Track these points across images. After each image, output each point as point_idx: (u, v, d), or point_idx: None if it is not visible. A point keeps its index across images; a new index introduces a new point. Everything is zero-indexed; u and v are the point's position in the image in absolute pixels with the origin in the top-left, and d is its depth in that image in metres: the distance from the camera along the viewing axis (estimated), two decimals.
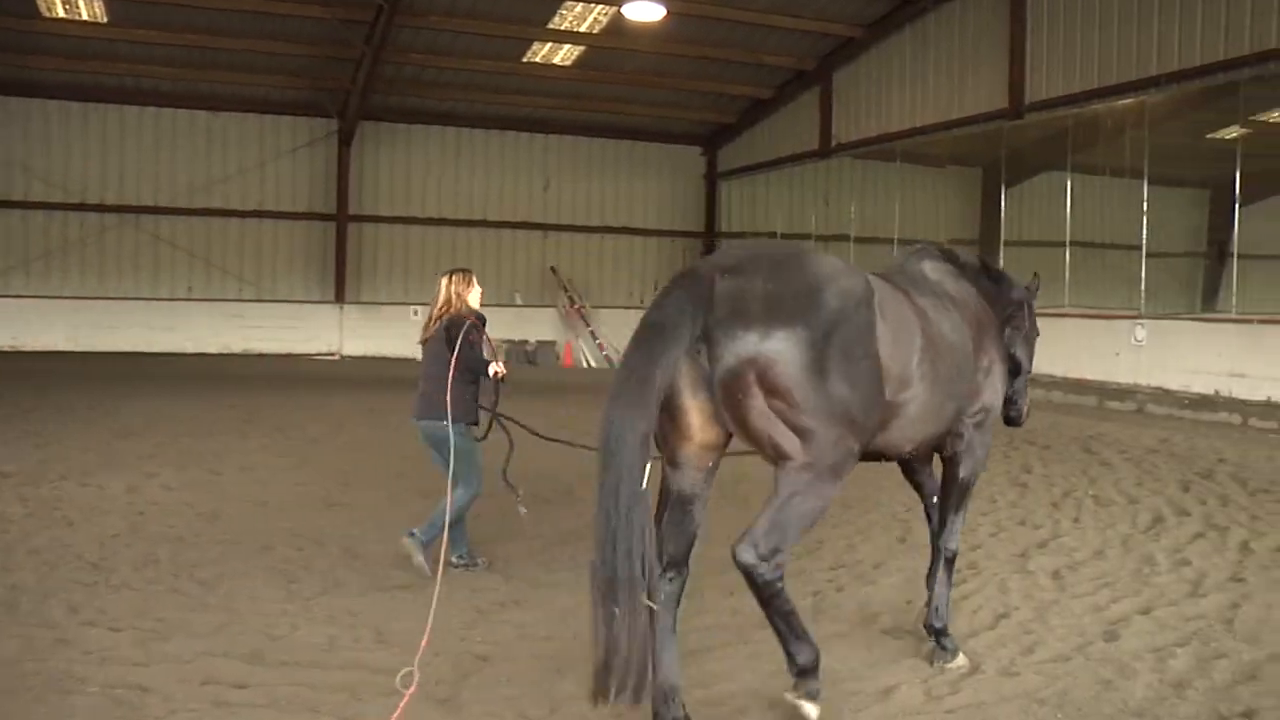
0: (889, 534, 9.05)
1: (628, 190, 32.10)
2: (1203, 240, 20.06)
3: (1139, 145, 18.64)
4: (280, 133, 28.64)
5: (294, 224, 28.83)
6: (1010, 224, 21.56)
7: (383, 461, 12.28)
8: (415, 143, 29.83)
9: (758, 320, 4.34)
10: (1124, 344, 18.28)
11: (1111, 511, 9.85)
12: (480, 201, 30.50)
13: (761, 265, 4.51)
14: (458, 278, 7.81)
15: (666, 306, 4.40)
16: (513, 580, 7.59)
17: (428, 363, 7.65)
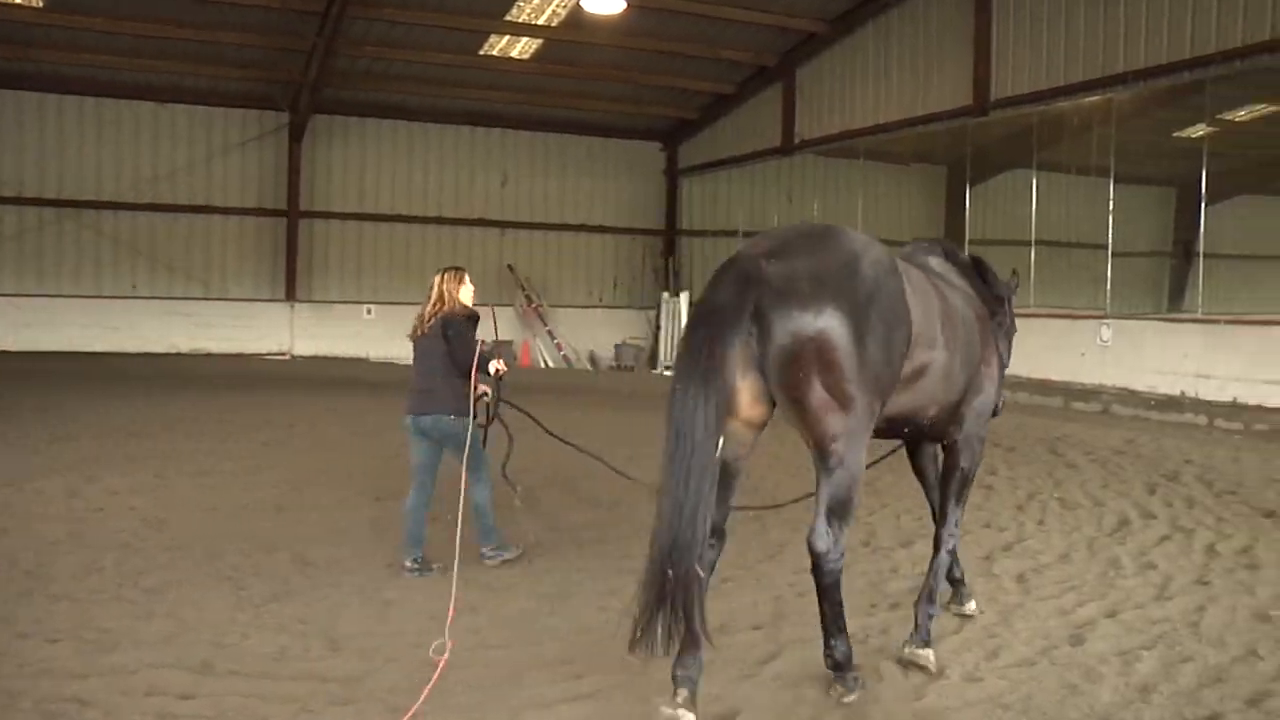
0: (852, 538, 9.07)
1: (587, 187, 32.07)
2: (1169, 240, 20.31)
3: (1105, 143, 18.84)
4: (229, 126, 28.35)
5: (243, 220, 28.57)
6: (975, 222, 21.72)
7: (336, 464, 12.20)
8: (369, 137, 29.65)
9: (809, 299, 4.74)
10: (1089, 344, 18.47)
11: (1077, 514, 9.94)
12: (435, 198, 30.37)
13: (800, 246, 4.94)
14: (449, 275, 7.97)
15: (721, 291, 4.78)
16: (469, 586, 7.56)
17: (422, 359, 7.84)
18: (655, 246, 32.97)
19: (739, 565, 8.12)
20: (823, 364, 4.75)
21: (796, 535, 9.10)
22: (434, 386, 7.73)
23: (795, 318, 4.74)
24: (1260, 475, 11.84)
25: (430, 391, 7.75)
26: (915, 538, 9.01)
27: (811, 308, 4.74)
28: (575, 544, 8.81)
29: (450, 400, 7.60)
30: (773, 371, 4.81)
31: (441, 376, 7.65)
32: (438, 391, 7.69)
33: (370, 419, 16.03)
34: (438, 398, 7.68)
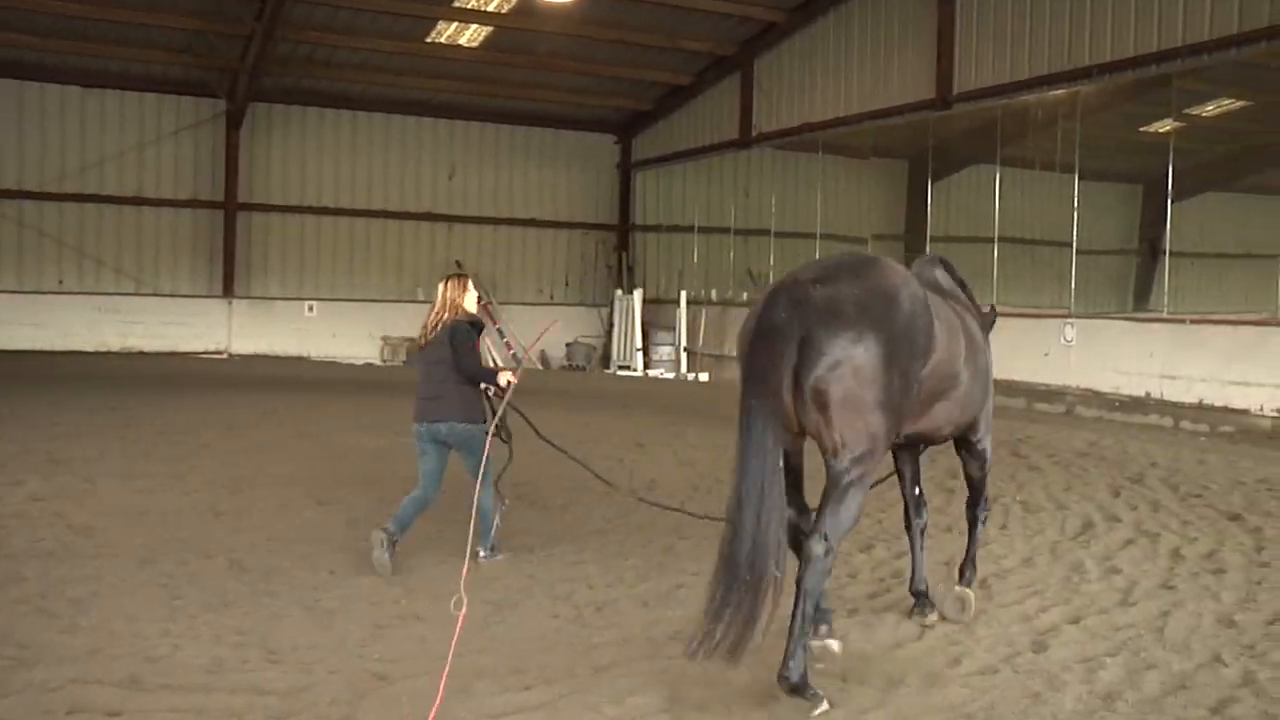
0: None
1: (537, 180, 32.01)
2: (1134, 237, 20.49)
3: (1070, 138, 19.04)
4: (163, 113, 28.01)
5: (178, 212, 28.25)
6: (937, 219, 21.88)
7: (275, 467, 12.10)
8: (310, 127, 29.44)
9: (852, 324, 5.33)
10: (1053, 344, 18.65)
11: (1040, 518, 10.04)
12: (380, 190, 30.20)
13: (846, 274, 5.57)
14: (454, 283, 8.38)
15: (777, 312, 5.38)
16: (414, 593, 7.52)
17: (428, 366, 8.22)
18: (608, 242, 32.98)
19: (691, 571, 8.13)
20: (856, 384, 5.33)
21: None
22: (442, 393, 8.10)
23: (837, 340, 5.32)
24: (1226, 478, 12.01)
25: (439, 398, 8.11)
26: (874, 542, 9.07)
27: (853, 332, 5.33)
28: (524, 549, 8.79)
29: (459, 406, 8.06)
30: (810, 387, 5.36)
31: (449, 384, 8.08)
32: (446, 398, 8.08)
33: (312, 420, 15.91)
34: (447, 404, 8.07)
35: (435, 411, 8.13)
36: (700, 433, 14.75)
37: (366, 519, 9.80)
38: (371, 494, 10.80)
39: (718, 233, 28.59)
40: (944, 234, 21.86)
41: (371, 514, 9.97)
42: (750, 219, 27.24)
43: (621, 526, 9.71)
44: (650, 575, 8.00)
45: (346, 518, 9.86)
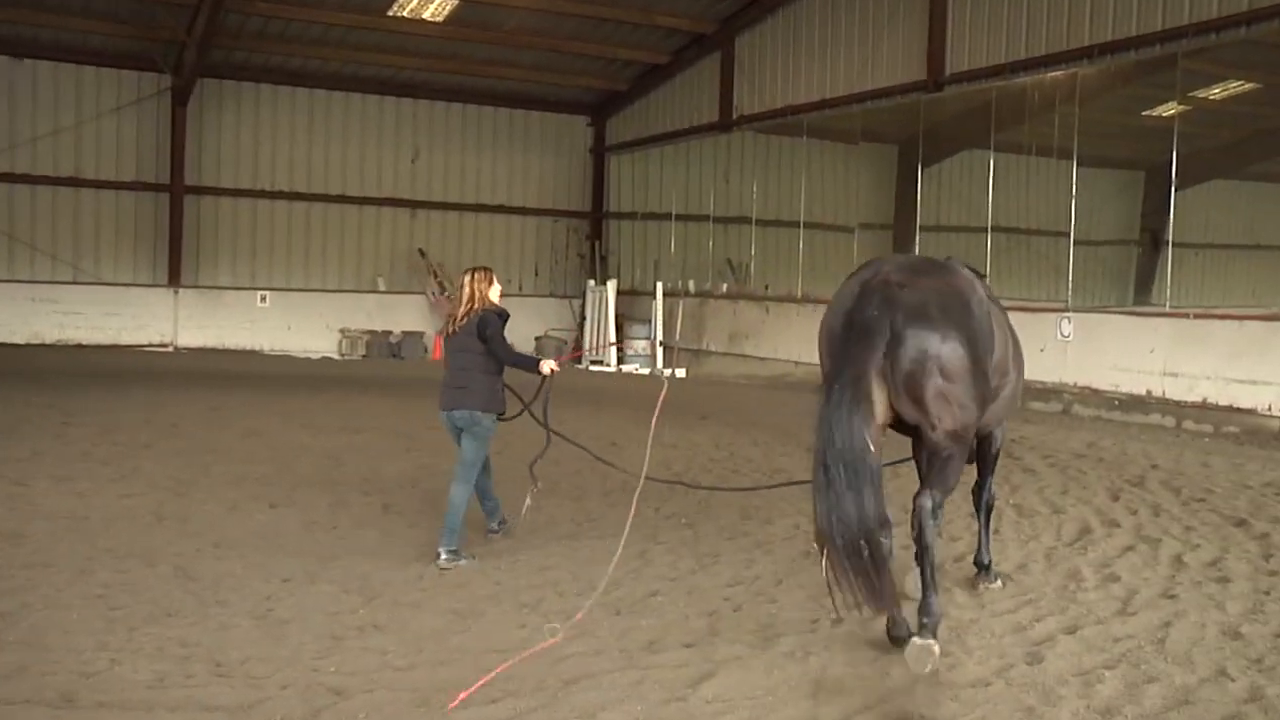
0: (791, 547, 9.13)
1: (506, 163, 31.94)
2: (1136, 227, 20.61)
3: (1068, 122, 19.09)
4: (102, 87, 27.66)
5: (119, 195, 28.01)
6: (927, 207, 21.94)
7: (223, 468, 12.04)
8: (263, 105, 29.25)
9: (937, 324, 6.35)
10: (1049, 339, 18.72)
11: (1034, 522, 10.07)
12: (339, 174, 30.04)
13: (925, 277, 6.58)
14: (480, 275, 8.94)
15: (869, 311, 6.32)
16: (374, 602, 7.49)
17: (456, 356, 8.82)
18: (581, 230, 32.94)
19: (667, 577, 8.14)
20: (946, 375, 6.34)
21: (730, 545, 9.15)
22: (468, 383, 8.71)
23: (925, 337, 6.31)
24: (1231, 481, 12.08)
25: (464, 388, 8.71)
26: None
27: (939, 331, 6.35)
28: (491, 554, 8.77)
29: (482, 397, 8.69)
30: (901, 380, 6.32)
31: (474, 373, 8.70)
32: (471, 388, 8.70)
33: (264, 418, 15.83)
34: (471, 394, 8.69)
35: (459, 400, 8.73)
36: (678, 432, 14.75)
37: (322, 522, 9.79)
38: (328, 496, 10.77)
39: (696, 221, 28.60)
40: (935, 223, 21.94)
41: (328, 517, 9.95)
42: (730, 206, 27.26)
43: (592, 531, 9.70)
44: (623, 582, 7.98)
45: (301, 521, 9.83)
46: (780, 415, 17.25)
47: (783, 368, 24.14)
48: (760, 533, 9.60)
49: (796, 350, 23.55)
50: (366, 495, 10.93)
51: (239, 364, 24.98)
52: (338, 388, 20.18)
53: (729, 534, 9.52)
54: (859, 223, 23.72)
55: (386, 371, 24.62)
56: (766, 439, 14.83)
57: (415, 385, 21.10)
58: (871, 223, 23.96)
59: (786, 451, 14.05)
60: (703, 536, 9.42)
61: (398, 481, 11.66)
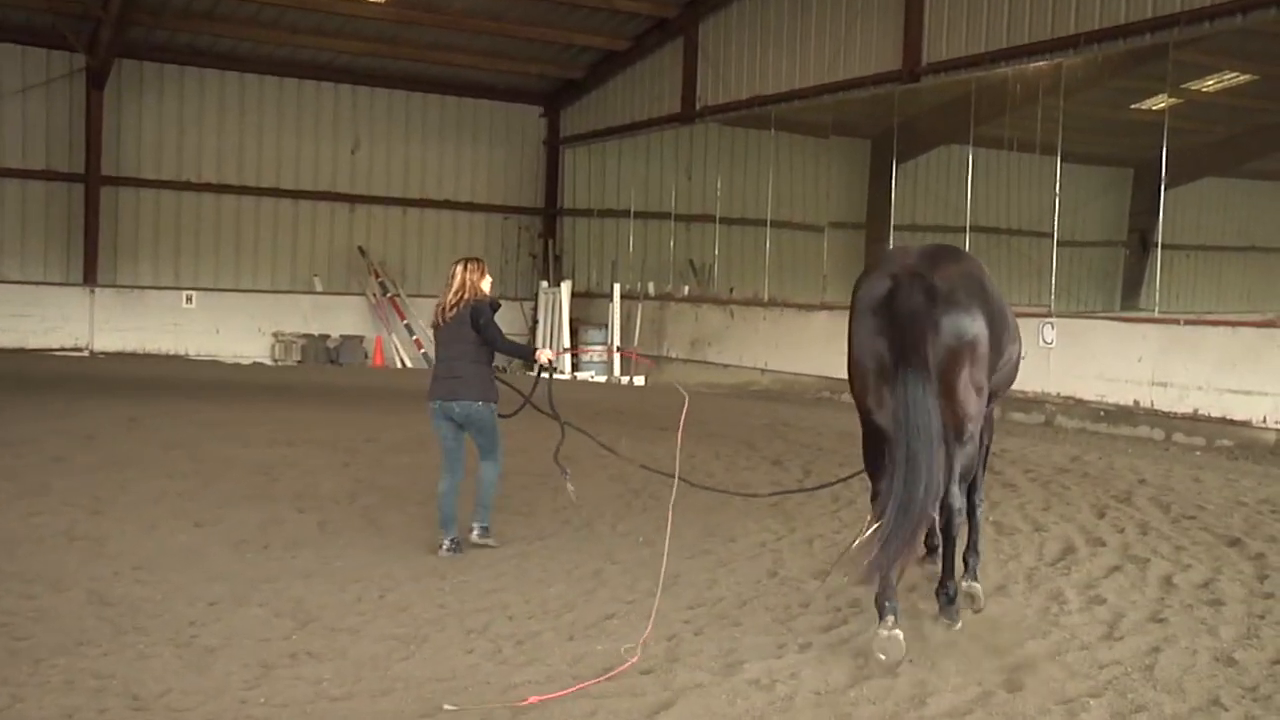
0: (757, 566, 9.14)
1: (453, 156, 31.89)
2: (1123, 227, 20.74)
3: (1052, 116, 19.21)
4: (7, 66, 27.21)
5: (27, 184, 27.68)
6: (902, 205, 22.04)
7: (143, 484, 11.92)
8: (189, 90, 29.04)
9: (966, 307, 7.18)
10: (1031, 346, 18.75)
11: (1015, 541, 10.12)
12: (272, 165, 29.89)
13: (947, 264, 7.37)
14: (472, 265, 9.54)
15: (915, 299, 7.00)
16: (308, 627, 7.44)
17: (447, 347, 9.45)
18: (533, 227, 32.94)
19: (624, 599, 8.12)
20: (973, 358, 7.18)
21: (692, 564, 9.14)
22: (461, 373, 9.31)
23: (960, 321, 7.13)
24: (1224, 497, 12.17)
25: (458, 378, 9.31)
26: (830, 566, 9.09)
27: (970, 314, 7.18)
28: (435, 574, 8.73)
29: (476, 387, 9.30)
30: (937, 361, 7.03)
31: (467, 363, 9.31)
32: (465, 378, 9.30)
33: (188, 429, 15.70)
34: (466, 384, 9.29)
35: (452, 391, 9.31)
36: (635, 445, 14.74)
37: (252, 541, 9.70)
38: (258, 513, 10.68)
39: (656, 218, 28.63)
40: (909, 222, 22.04)
41: (258, 536, 9.87)
42: (693, 203, 27.30)
43: (544, 549, 9.68)
44: (577, 604, 7.97)
45: (229, 540, 9.74)
46: (744, 426, 17.27)
47: (747, 375, 24.22)
48: (723, 551, 9.60)
49: (762, 356, 23.63)
50: (301, 512, 10.85)
51: (161, 370, 24.76)
52: (270, 396, 20.04)
53: (690, 552, 9.52)
54: (829, 221, 23.82)
55: (323, 378, 24.48)
56: (729, 451, 14.85)
57: (354, 393, 20.98)
58: (843, 221, 24.06)
59: (750, 465, 14.06)
60: (662, 555, 9.39)
61: (335, 497, 11.59)
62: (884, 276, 7.25)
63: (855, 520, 10.81)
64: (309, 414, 17.79)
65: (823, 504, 11.56)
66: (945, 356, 7.08)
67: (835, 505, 11.53)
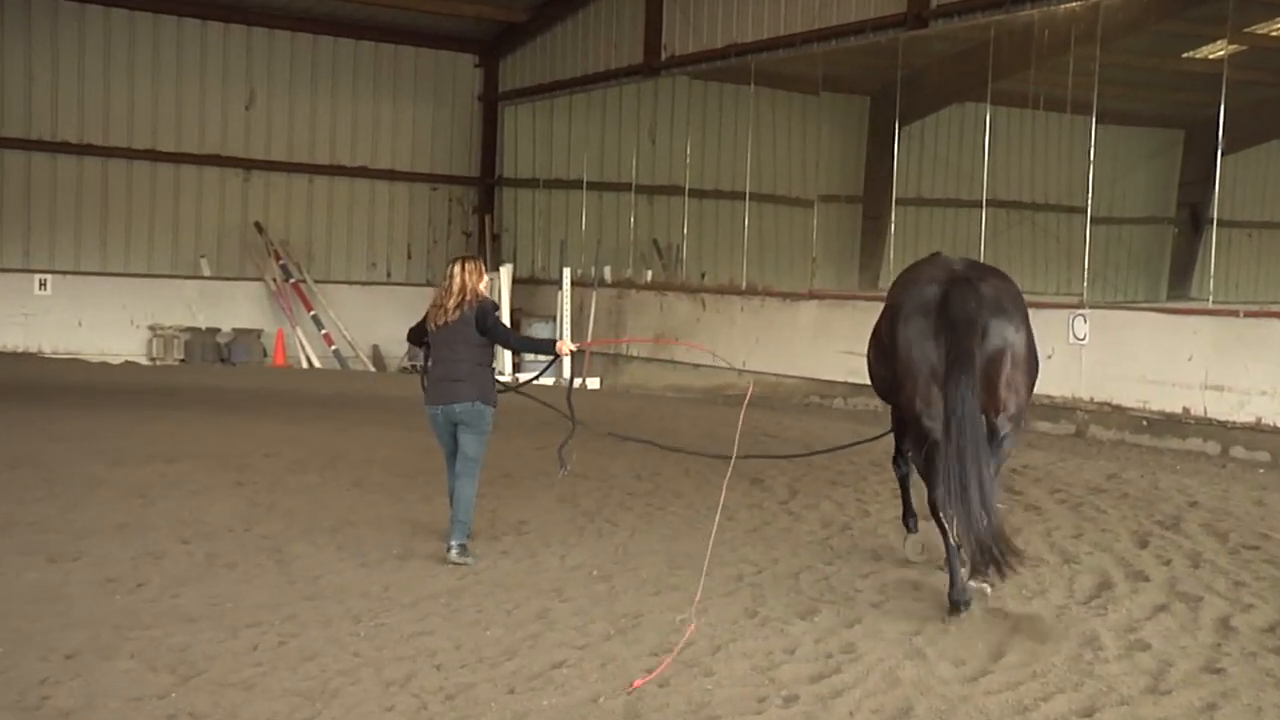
0: (733, 605, 9.11)
1: (369, 114, 31.72)
2: (1171, 200, 20.83)
3: (1087, 67, 19.19)
4: None
5: None
6: (906, 173, 22.07)
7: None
8: (39, 28, 28.55)
9: (1010, 315, 9.05)
10: (1059, 342, 18.83)
11: (1040, 574, 10.12)
12: (147, 122, 29.59)
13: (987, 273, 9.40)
14: (471, 266, 10.69)
15: (968, 304, 8.80)
16: (191, 682, 7.36)
17: (448, 348, 10.56)
18: (466, 200, 32.86)
19: (575, 644, 8.07)
20: (1014, 362, 9.04)
21: (655, 601, 9.12)
22: (465, 376, 10.46)
23: (1005, 327, 9.00)
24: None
25: (461, 380, 10.46)
26: (819, 604, 9.09)
27: (1013, 321, 9.07)
28: (349, 616, 8.66)
29: (479, 388, 10.50)
30: (983, 366, 8.83)
31: (471, 365, 10.49)
32: (468, 380, 10.46)
33: (41, 443, 15.58)
34: (468, 386, 10.45)
35: (455, 393, 10.45)
36: (588, 459, 14.68)
37: (124, 580, 9.59)
38: (131, 546, 10.56)
39: (614, 190, 28.60)
40: (915, 194, 22.11)
41: (131, 573, 9.77)
42: (658, 172, 27.28)
43: (479, 584, 9.62)
44: (519, 651, 7.92)
45: (93, 579, 9.62)
46: (719, 438, 17.23)
47: (723, 377, 24.16)
48: (692, 586, 9.55)
49: (741, 354, 23.57)
50: (184, 543, 10.76)
51: (8, 371, 24.55)
52: (146, 402, 19.92)
53: (653, 588, 9.49)
54: (820, 195, 23.84)
55: (212, 381, 24.33)
56: (700, 467, 14.83)
57: (250, 399, 20.85)
58: (836, 194, 24.11)
59: (729, 482, 14.02)
60: (620, 591, 9.37)
61: (226, 524, 11.49)
62: (932, 283, 9.13)
63: (849, 549, 10.84)
64: (194, 424, 17.66)
65: (810, 530, 11.57)
66: (989, 360, 8.89)
67: (826, 531, 11.54)
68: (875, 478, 14.00)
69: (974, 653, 8.07)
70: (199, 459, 14.74)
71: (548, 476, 13.35)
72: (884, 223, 21.63)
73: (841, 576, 9.79)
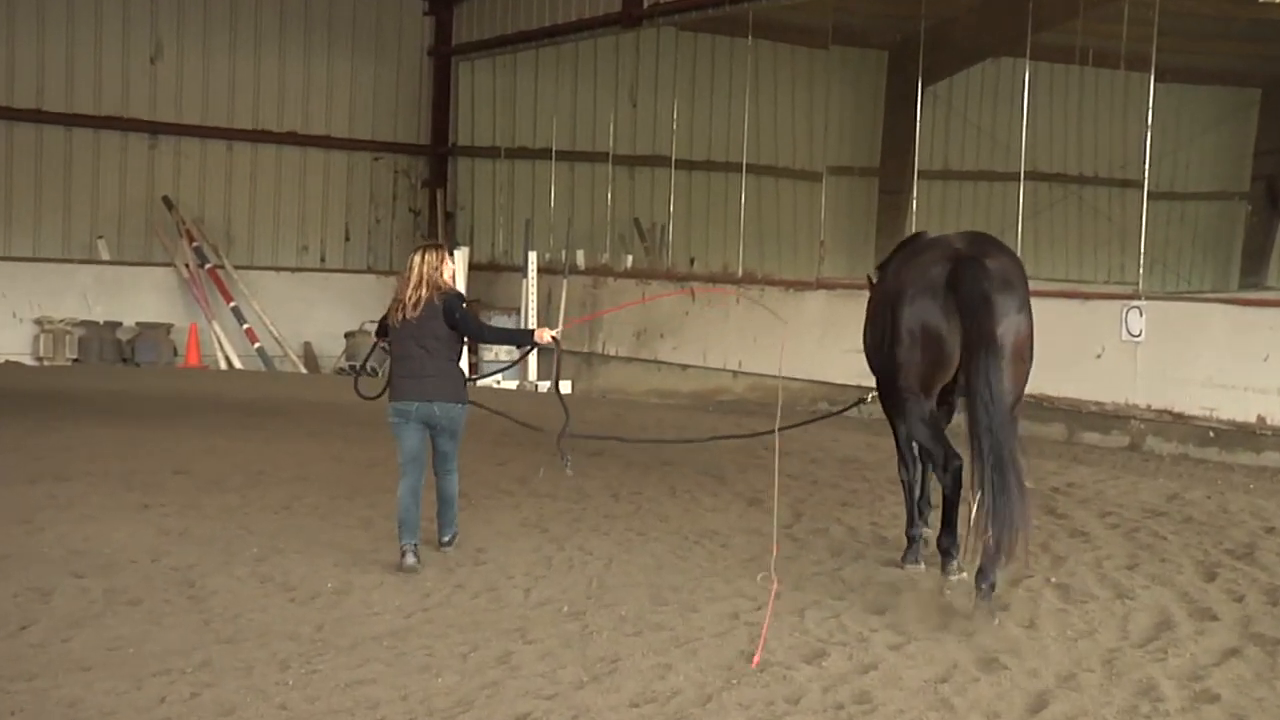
0: (727, 646, 9.08)
1: (299, 70, 31.70)
2: (1245, 173, 20.82)
3: (1144, 15, 19.20)
4: None
5: None
6: (931, 141, 22.09)
7: None
8: None
9: (1018, 291, 10.24)
10: (1110, 339, 18.83)
11: (1088, 611, 10.12)
12: (31, 79, 29.49)
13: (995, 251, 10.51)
14: (431, 255, 11.45)
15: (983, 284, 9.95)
16: None
17: (414, 343, 11.29)
18: (415, 172, 32.84)
19: (543, 693, 8.06)
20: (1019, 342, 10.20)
21: (635, 643, 9.10)
22: (434, 372, 11.27)
23: (1011, 303, 10.11)
24: None
25: (432, 377, 11.27)
26: (828, 647, 9.07)
27: (1019, 296, 10.24)
28: (275, 662, 8.64)
29: (452, 386, 11.38)
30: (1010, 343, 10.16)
31: (441, 361, 11.32)
32: (439, 376, 11.30)
33: None
34: (440, 383, 11.29)
35: (428, 390, 11.25)
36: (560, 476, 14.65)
37: (5, 620, 9.55)
38: (12, 580, 10.51)
39: (588, 160, 28.63)
40: (942, 166, 22.17)
41: (13, 613, 9.72)
42: (640, 140, 27.31)
43: (430, 623, 9.59)
44: (475, 701, 7.92)
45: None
46: (710, 451, 17.25)
47: (715, 380, 24.19)
48: (680, 624, 9.56)
49: (735, 354, 23.61)
50: (78, 577, 10.73)
51: None
52: (33, 411, 19.90)
53: (633, 626, 9.46)
54: (829, 166, 23.86)
55: (112, 384, 24.28)
56: (689, 486, 14.84)
57: (159, 406, 20.81)
58: (848, 166, 24.17)
59: (719, 504, 14.05)
60: (593, 633, 9.35)
61: (129, 554, 11.45)
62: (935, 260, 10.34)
63: (863, 582, 10.83)
64: (91, 436, 17.62)
65: (817, 559, 11.56)
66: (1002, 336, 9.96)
67: (837, 560, 11.53)
68: (893, 498, 13.96)
69: (1010, 704, 8.07)
70: (96, 477, 14.71)
71: (509, 495, 13.37)
72: (904, 199, 21.66)
73: (854, 614, 9.76)
